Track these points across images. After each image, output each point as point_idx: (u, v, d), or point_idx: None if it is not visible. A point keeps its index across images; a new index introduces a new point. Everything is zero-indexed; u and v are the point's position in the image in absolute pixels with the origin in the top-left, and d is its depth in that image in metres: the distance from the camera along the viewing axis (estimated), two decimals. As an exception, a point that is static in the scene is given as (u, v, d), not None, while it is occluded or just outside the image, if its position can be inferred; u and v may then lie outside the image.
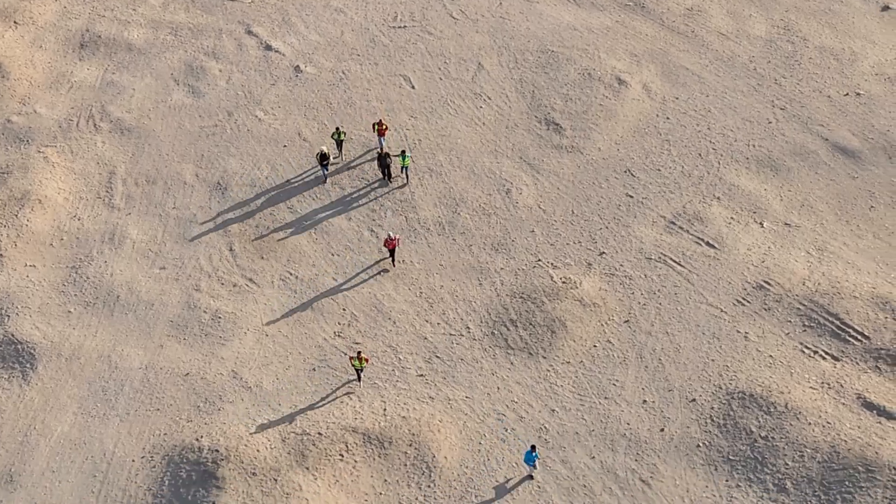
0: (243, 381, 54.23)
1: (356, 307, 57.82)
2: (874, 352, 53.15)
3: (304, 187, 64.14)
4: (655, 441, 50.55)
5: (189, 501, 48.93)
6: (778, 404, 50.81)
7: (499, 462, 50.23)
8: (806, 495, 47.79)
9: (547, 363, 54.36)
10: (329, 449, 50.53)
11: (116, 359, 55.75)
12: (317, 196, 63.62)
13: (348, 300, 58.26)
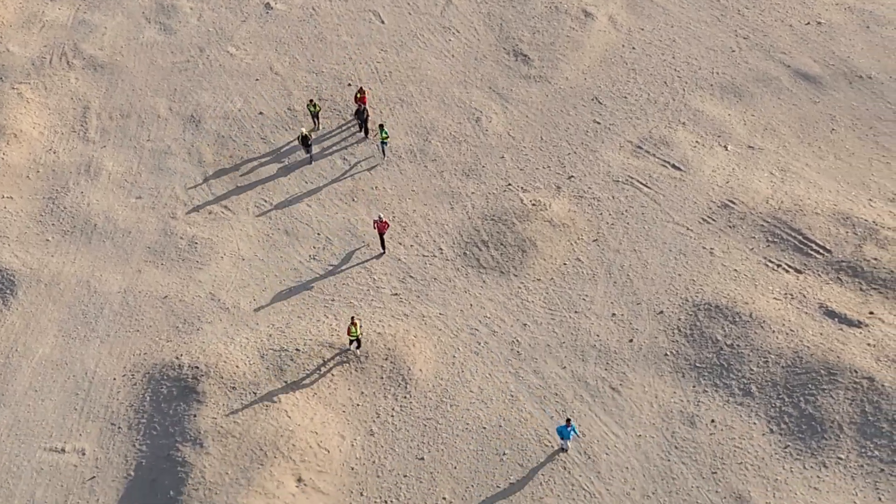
0: (221, 303, 55.27)
1: (330, 231, 58.96)
2: (835, 264, 54.74)
3: (276, 119, 65.12)
4: (624, 351, 51.99)
5: (171, 416, 49.99)
6: (743, 314, 52.31)
7: (472, 374, 51.58)
8: (770, 398, 49.36)
9: (518, 281, 55.66)
10: (307, 364, 51.72)
11: (95, 283, 56.66)
12: (289, 127, 64.63)
13: (322, 225, 59.38)
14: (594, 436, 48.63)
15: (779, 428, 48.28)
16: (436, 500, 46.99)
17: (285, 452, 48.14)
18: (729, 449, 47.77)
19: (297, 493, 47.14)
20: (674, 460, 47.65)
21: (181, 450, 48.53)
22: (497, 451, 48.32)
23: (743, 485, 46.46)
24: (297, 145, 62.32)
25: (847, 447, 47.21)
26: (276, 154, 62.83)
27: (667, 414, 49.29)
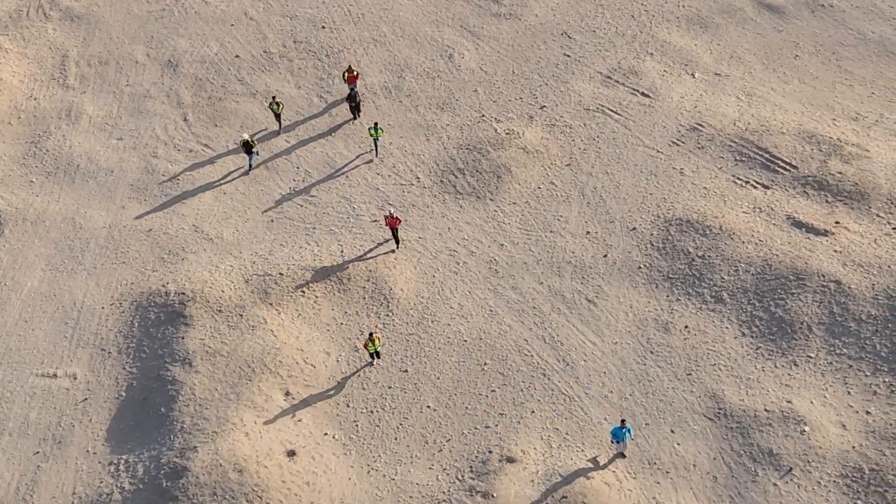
0: (204, 234, 56.62)
1: (310, 165, 60.35)
2: (802, 179, 56.50)
3: (252, 61, 66.40)
4: (599, 266, 53.62)
5: (159, 339, 51.35)
6: (713, 227, 54.02)
7: (452, 291, 53.12)
8: (742, 304, 51.08)
9: (494, 205, 57.19)
10: (290, 286, 53.15)
11: (80, 220, 57.91)
12: (266, 69, 65.94)
13: (301, 159, 60.76)
14: (572, 344, 50.23)
15: (750, 331, 49.95)
16: (420, 409, 48.47)
17: (272, 368, 49.55)
18: (702, 352, 49.41)
19: (285, 405, 48.58)
20: (650, 364, 49.29)
21: (171, 369, 49.88)
22: (478, 362, 49.87)
23: (717, 384, 48.13)
24: (275, 85, 63.41)
25: (816, 346, 48.94)
26: (253, 95, 64.14)
27: (642, 322, 50.91)
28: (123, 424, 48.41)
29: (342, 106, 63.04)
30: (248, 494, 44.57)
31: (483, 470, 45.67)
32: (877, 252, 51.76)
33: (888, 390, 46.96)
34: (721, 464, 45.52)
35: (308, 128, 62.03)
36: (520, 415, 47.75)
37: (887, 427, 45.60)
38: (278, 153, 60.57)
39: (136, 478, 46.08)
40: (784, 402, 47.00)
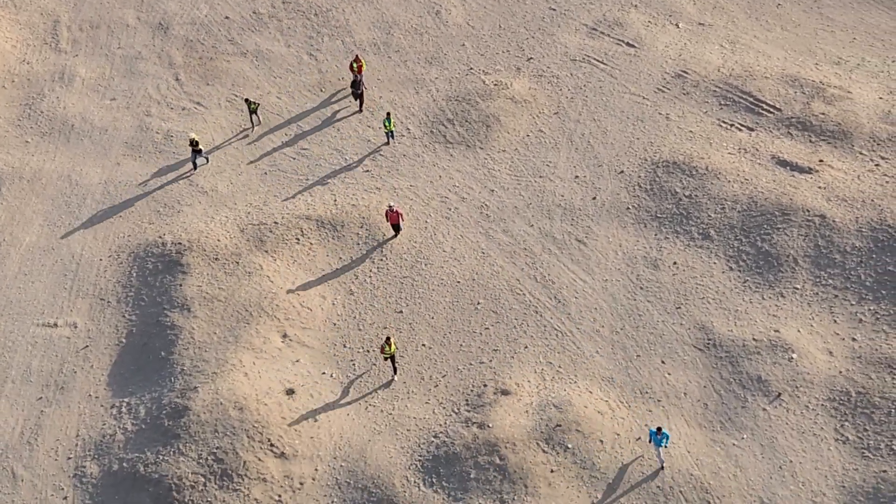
0: (199, 187, 57.54)
1: (301, 120, 61.27)
2: (785, 121, 57.55)
3: (242, 22, 67.28)
4: (588, 208, 54.64)
5: (157, 287, 52.29)
6: (699, 168, 55.07)
7: (445, 236, 54.11)
8: (728, 239, 52.14)
9: (484, 153, 58.18)
10: (285, 234, 54.10)
11: (76, 177, 58.80)
12: (255, 29, 66.80)
13: (292, 114, 61.65)
14: (563, 282, 51.24)
15: (737, 265, 51.01)
16: (416, 347, 49.48)
17: (270, 312, 50.53)
18: (691, 286, 50.46)
19: (282, 347, 49.56)
20: (639, 299, 50.33)
21: (169, 315, 50.83)
22: (472, 302, 50.87)
23: (706, 316, 49.19)
24: (265, 44, 64.22)
25: (803, 278, 50.02)
26: (244, 54, 65.05)
27: (631, 260, 51.95)
28: (124, 369, 49.31)
29: (333, 62, 63.82)
30: (248, 430, 45.52)
31: (478, 402, 46.67)
32: (860, 187, 52.84)
33: (873, 318, 48.03)
34: (711, 391, 46.55)
35: (298, 85, 62.93)
36: (513, 350, 48.72)
37: (873, 352, 46.69)
38: (270, 108, 61.45)
39: (139, 418, 47.00)
40: (772, 331, 48.03)
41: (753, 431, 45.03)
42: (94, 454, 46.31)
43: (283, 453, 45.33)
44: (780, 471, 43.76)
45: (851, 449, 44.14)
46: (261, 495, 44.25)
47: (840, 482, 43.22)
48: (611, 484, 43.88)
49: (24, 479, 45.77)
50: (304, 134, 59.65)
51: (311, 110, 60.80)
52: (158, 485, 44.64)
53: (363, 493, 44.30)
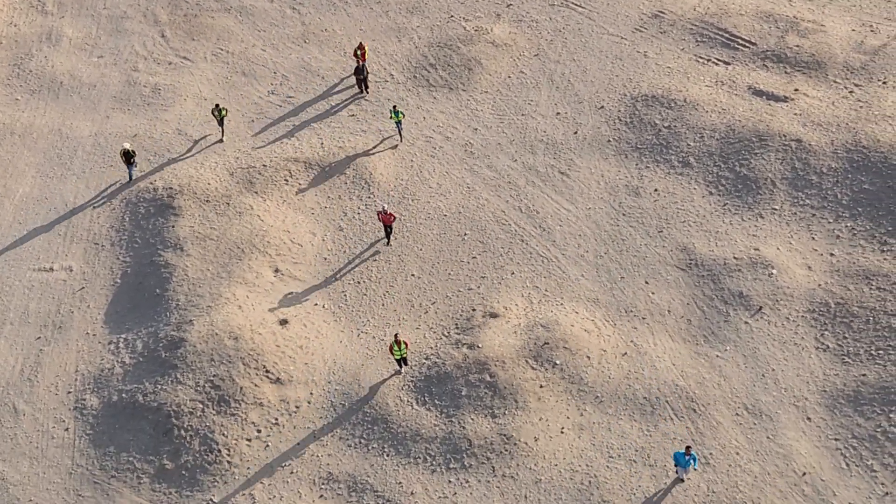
0: (188, 136, 58.66)
1: (286, 70, 62.40)
2: (761, 54, 58.85)
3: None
4: (570, 142, 55.89)
5: (150, 230, 53.42)
6: (677, 100, 56.35)
7: (430, 173, 55.33)
8: (708, 166, 53.43)
9: (467, 94, 59.38)
10: (274, 176, 55.26)
11: (67, 131, 59.87)
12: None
13: (278, 65, 62.80)
14: (547, 212, 52.49)
15: (717, 190, 52.30)
16: (405, 277, 50.71)
17: (261, 248, 51.70)
18: (672, 211, 51.75)
19: (275, 281, 50.73)
20: (622, 225, 51.61)
21: (163, 255, 51.97)
22: (458, 233, 52.09)
23: (687, 238, 50.47)
24: (248, 0, 65.24)
25: (781, 199, 51.34)
26: (227, 10, 66.17)
27: (613, 189, 53.22)
28: (120, 307, 50.43)
29: (316, 14, 64.93)
30: (244, 358, 46.69)
31: (467, 326, 47.89)
32: (835, 112, 54.15)
33: (850, 234, 49.36)
34: (694, 308, 47.83)
35: (282, 37, 64.01)
36: (500, 277, 49.94)
37: (850, 266, 48.02)
38: (255, 60, 62.52)
39: (136, 352, 48.13)
40: (752, 249, 49.33)
41: (736, 343, 46.27)
42: (93, 387, 47.39)
43: (279, 379, 46.47)
44: (762, 379, 45.01)
45: (832, 356, 45.42)
46: (258, 419, 45.40)
47: (821, 387, 44.50)
48: (598, 397, 45.09)
49: (25, 413, 46.82)
50: (290, 83, 60.74)
51: (296, 61, 61.83)
52: (157, 412, 45.75)
53: (358, 414, 45.47)
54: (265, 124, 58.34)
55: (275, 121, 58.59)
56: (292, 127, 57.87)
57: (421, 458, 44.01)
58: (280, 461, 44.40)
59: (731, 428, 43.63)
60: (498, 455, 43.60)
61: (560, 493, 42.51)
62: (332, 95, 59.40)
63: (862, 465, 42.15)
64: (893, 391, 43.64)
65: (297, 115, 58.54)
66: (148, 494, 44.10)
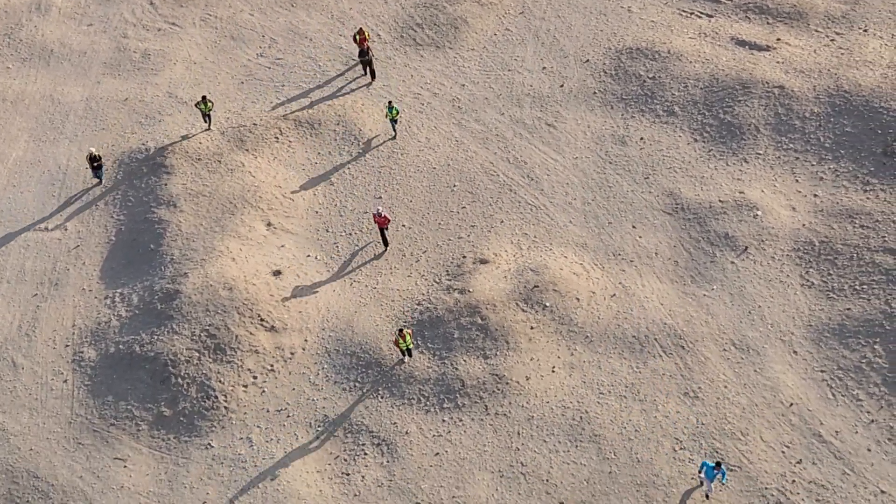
0: (179, 99, 59.36)
1: (274, 33, 63.10)
2: (743, 6, 59.68)
3: (212, -54, 68.88)
4: (556, 95, 56.68)
5: (143, 188, 54.16)
6: (662, 52, 57.15)
7: (419, 128, 56.09)
8: (692, 114, 54.25)
9: (453, 52, 60.12)
10: (264, 134, 56.01)
11: (58, 96, 60.54)
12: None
13: (266, 28, 63.50)
14: (535, 162, 53.28)
15: (702, 137, 53.14)
16: (396, 228, 51.47)
17: (253, 203, 52.46)
18: (658, 158, 52.59)
19: (267, 234, 51.51)
20: (609, 173, 52.42)
21: (156, 212, 52.72)
22: (448, 185, 52.87)
23: (673, 184, 51.31)
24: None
25: (765, 144, 52.18)
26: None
27: (599, 138, 54.03)
28: (115, 264, 51.16)
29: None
30: (238, 308, 47.47)
31: (458, 272, 48.70)
32: (816, 60, 54.98)
33: (833, 175, 50.22)
34: (681, 250, 48.67)
35: (270, 1, 64.64)
36: (490, 225, 50.75)
37: (834, 205, 48.89)
38: (243, 24, 63.21)
39: (132, 305, 48.89)
40: (737, 193, 50.18)
41: (723, 283, 47.11)
42: (90, 340, 48.14)
43: (273, 327, 47.24)
44: (749, 315, 45.86)
45: (817, 292, 46.29)
46: (254, 365, 46.18)
47: (807, 322, 45.36)
48: (588, 336, 45.92)
49: (24, 367, 47.55)
50: (278, 46, 61.41)
51: (283, 24, 62.55)
52: (155, 362, 46.52)
53: (351, 359, 46.28)
54: (254, 86, 59.06)
55: (264, 81, 59.33)
56: (281, 87, 58.62)
57: (415, 399, 44.79)
58: (276, 406, 45.17)
59: (718, 363, 44.43)
60: (490, 394, 44.39)
61: (552, 429, 43.30)
62: (320, 57, 60.17)
63: (848, 394, 42.99)
64: (877, 324, 44.45)
65: (285, 76, 59.26)
66: (147, 441, 44.82)
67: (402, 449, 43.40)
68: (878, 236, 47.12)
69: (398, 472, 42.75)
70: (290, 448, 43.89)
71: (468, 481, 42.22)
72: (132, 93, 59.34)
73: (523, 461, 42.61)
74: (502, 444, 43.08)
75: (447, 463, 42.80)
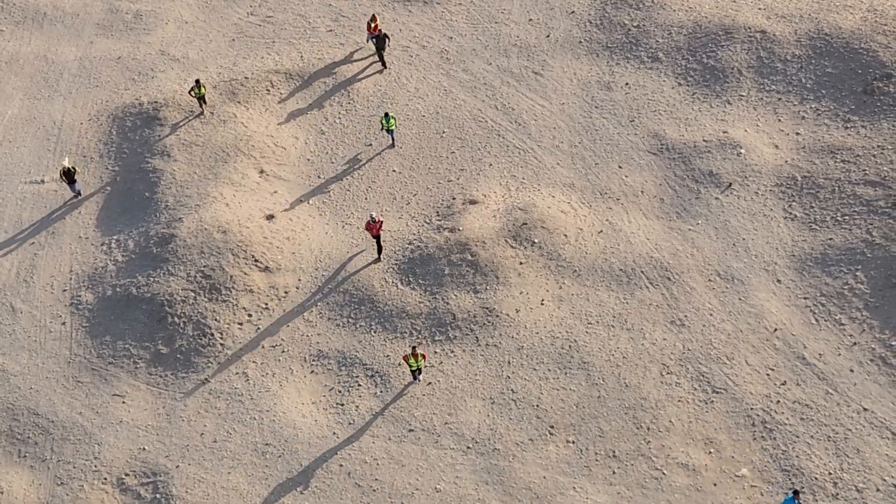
0: (171, 56, 60.29)
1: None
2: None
3: None
4: (543, 45, 57.66)
5: (137, 140, 55.08)
6: (645, 1, 58.09)
7: (408, 78, 57.06)
8: (676, 60, 55.26)
9: (441, 7, 61.08)
10: (256, 87, 56.94)
11: (52, 56, 61.44)
12: None
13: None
14: (522, 108, 54.28)
15: (686, 81, 54.15)
16: (386, 173, 52.55)
17: (246, 152, 53.41)
18: (643, 102, 53.59)
19: (260, 181, 52.46)
20: (595, 117, 53.43)
21: (150, 162, 53.67)
22: (437, 131, 53.86)
23: (658, 126, 52.33)
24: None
25: (748, 86, 53.21)
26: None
27: (585, 85, 55.03)
28: (111, 212, 52.11)
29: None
30: (233, 249, 48.42)
31: (448, 213, 49.69)
32: (798, 5, 56.03)
33: (815, 114, 51.26)
34: (666, 188, 49.69)
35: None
36: (479, 168, 51.74)
37: (816, 142, 49.93)
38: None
39: (128, 250, 49.84)
40: (721, 132, 51.22)
41: (707, 217, 48.13)
42: (88, 284, 49.07)
43: (267, 267, 48.21)
44: (733, 247, 46.89)
45: (799, 224, 47.33)
46: (249, 304, 47.14)
47: (790, 252, 46.39)
48: (576, 271, 46.92)
49: (22, 312, 48.47)
50: (268, 4, 62.32)
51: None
52: (151, 302, 47.45)
53: (345, 296, 47.25)
54: (246, 42, 59.98)
55: (255, 38, 60.23)
56: (272, 43, 59.56)
57: (407, 333, 45.76)
58: (271, 342, 46.13)
59: (704, 292, 45.44)
60: (481, 326, 45.37)
61: (542, 358, 44.30)
62: (310, 14, 61.07)
63: (831, 319, 44.01)
64: (859, 252, 45.48)
65: (276, 33, 60.17)
66: (145, 377, 45.76)
67: (395, 380, 44.32)
68: (860, 170, 48.11)
69: (391, 402, 43.61)
70: (285, 381, 44.78)
71: (460, 408, 43.15)
72: (125, 52, 60.23)
73: (514, 388, 43.51)
74: (493, 373, 43.99)
75: (439, 392, 43.74)
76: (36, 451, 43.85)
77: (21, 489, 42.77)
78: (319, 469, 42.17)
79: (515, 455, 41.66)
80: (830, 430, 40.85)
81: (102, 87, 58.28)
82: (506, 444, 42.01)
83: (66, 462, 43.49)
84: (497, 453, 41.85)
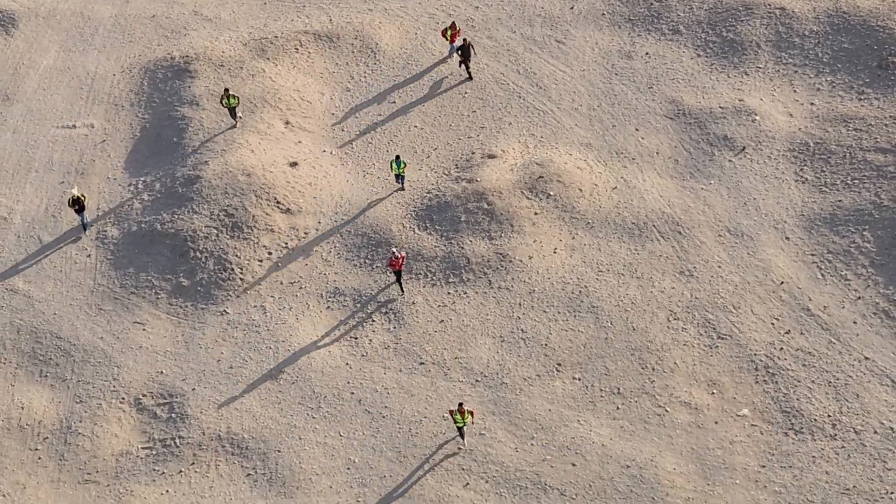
0: (204, 16, 62.02)
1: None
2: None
3: None
4: (567, 16, 59.14)
5: (167, 91, 56.72)
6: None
7: (433, 43, 58.58)
8: (696, 33, 56.62)
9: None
10: (285, 45, 58.56)
11: (88, 13, 63.25)
12: None
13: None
14: (544, 73, 55.70)
15: (705, 53, 55.50)
16: (408, 128, 54.18)
17: (273, 104, 54.98)
18: (662, 71, 54.95)
19: (285, 131, 54.00)
20: (615, 83, 54.81)
21: (179, 110, 55.29)
22: (459, 91, 55.33)
23: (675, 93, 53.68)
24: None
25: (765, 59, 54.51)
26: None
27: (606, 53, 56.44)
28: (139, 155, 53.72)
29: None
30: (256, 191, 49.92)
31: (467, 166, 51.10)
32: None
33: (830, 87, 52.51)
34: (681, 150, 50.98)
35: (294, -66, 67.25)
36: (498, 127, 53.18)
37: (829, 112, 51.19)
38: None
39: (154, 191, 51.43)
40: (737, 100, 52.51)
41: (720, 178, 49.37)
42: (114, 221, 50.66)
43: (289, 209, 49.69)
44: (744, 206, 48.11)
45: (810, 186, 48.53)
46: (269, 243, 48.58)
47: (800, 212, 47.59)
48: (590, 223, 48.21)
49: (49, 244, 49.97)
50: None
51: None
52: (175, 237, 48.97)
53: (363, 238, 48.65)
54: (276, 5, 61.65)
55: (285, 2, 61.81)
56: (303, 7, 61.20)
57: (422, 274, 47.09)
58: (289, 278, 47.53)
59: (713, 246, 46.64)
60: (494, 270, 46.67)
61: (552, 301, 45.53)
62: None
63: (836, 275, 45.13)
64: (867, 213, 46.64)
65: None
66: (165, 308, 47.19)
67: (408, 317, 45.59)
68: (871, 138, 49.29)
69: (404, 337, 44.95)
70: (301, 315, 46.11)
71: (470, 345, 44.38)
72: (159, 10, 61.96)
73: (524, 328, 44.73)
74: (504, 314, 45.22)
75: (451, 329, 44.99)
76: (57, 372, 45.21)
77: (41, 405, 44.14)
78: (331, 395, 43.41)
79: (522, 389, 42.82)
80: (831, 376, 41.87)
81: (136, 42, 59.95)
82: (514, 378, 43.16)
83: (86, 382, 44.81)
84: (505, 387, 43.00)
